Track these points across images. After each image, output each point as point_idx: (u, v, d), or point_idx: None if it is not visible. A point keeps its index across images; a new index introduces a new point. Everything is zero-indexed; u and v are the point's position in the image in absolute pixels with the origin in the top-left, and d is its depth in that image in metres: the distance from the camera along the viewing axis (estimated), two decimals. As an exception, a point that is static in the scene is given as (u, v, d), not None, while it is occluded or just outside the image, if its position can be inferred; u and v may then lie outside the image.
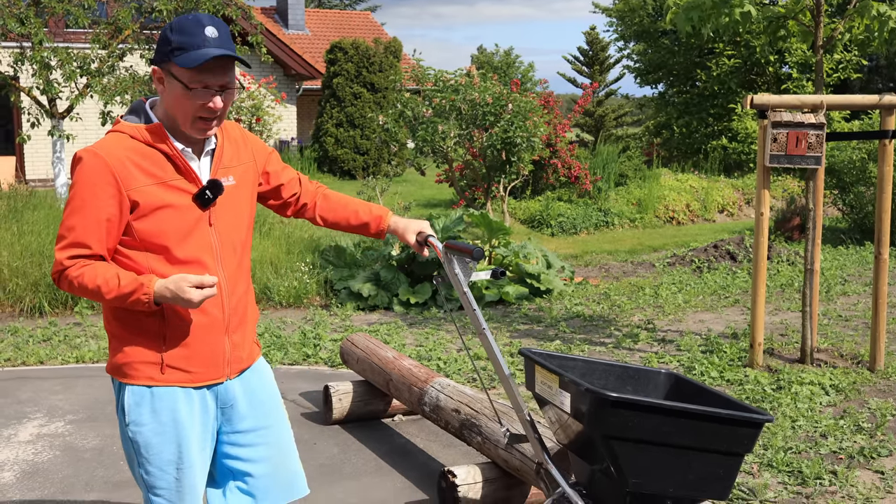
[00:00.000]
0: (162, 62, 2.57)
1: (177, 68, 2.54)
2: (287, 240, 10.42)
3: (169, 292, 2.50)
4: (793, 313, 8.55)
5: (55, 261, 2.57)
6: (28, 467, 4.81)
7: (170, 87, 2.58)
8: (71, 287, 2.56)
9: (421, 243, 3.11)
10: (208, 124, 2.62)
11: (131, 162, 2.56)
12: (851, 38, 7.09)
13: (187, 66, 2.50)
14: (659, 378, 3.23)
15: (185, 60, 2.51)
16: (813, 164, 6.31)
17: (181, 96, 2.56)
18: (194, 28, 2.53)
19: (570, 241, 13.79)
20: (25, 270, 8.71)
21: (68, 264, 2.55)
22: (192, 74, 2.53)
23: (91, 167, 2.54)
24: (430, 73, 15.01)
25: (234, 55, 2.55)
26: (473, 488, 4.06)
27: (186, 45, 2.51)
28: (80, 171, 2.56)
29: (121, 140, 2.59)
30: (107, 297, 2.52)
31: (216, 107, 2.58)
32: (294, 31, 29.68)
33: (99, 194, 2.52)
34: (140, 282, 2.52)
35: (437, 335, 7.74)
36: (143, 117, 2.65)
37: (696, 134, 23.70)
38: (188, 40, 2.52)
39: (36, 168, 20.63)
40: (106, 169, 2.53)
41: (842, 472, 4.62)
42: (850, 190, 13.80)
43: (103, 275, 2.52)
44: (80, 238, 2.54)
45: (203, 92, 2.55)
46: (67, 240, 2.55)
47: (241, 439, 2.82)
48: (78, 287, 2.55)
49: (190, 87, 2.54)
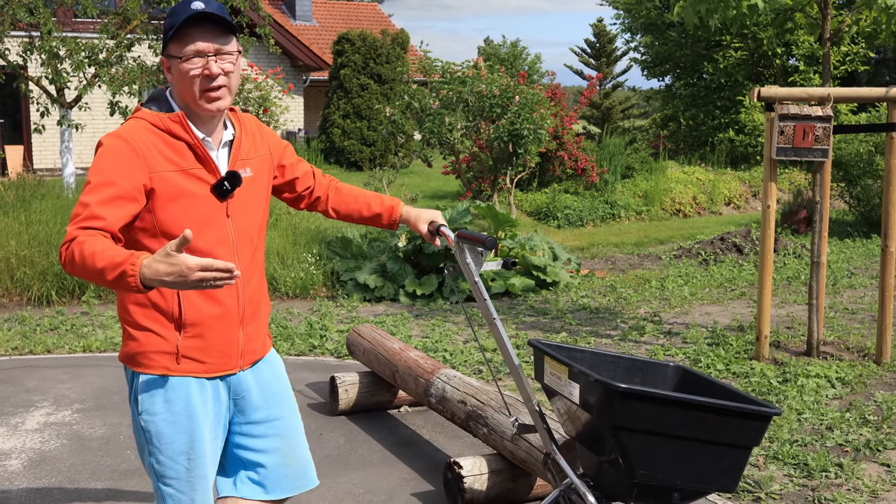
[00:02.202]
0: (164, 50, 2.61)
1: (171, 45, 2.56)
2: (294, 231, 10.43)
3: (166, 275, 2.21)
4: (799, 306, 8.54)
5: (66, 236, 2.41)
6: (35, 456, 4.83)
7: (174, 70, 2.59)
8: (73, 263, 2.36)
9: (433, 233, 3.11)
10: (216, 93, 2.59)
11: (153, 146, 2.56)
12: (859, 31, 7.07)
13: (173, 36, 2.53)
14: (667, 371, 3.23)
15: (172, 32, 2.54)
16: (820, 157, 6.30)
17: (181, 73, 2.56)
18: (182, 6, 2.55)
19: (576, 234, 13.78)
20: (33, 259, 8.73)
21: (77, 234, 2.39)
22: (180, 44, 2.54)
23: (116, 148, 2.53)
24: (437, 65, 14.99)
25: (216, 13, 2.53)
26: (479, 479, 4.07)
27: (175, 23, 2.53)
28: (103, 152, 2.53)
29: (143, 126, 2.60)
30: (98, 266, 2.30)
31: (212, 72, 2.55)
32: (301, 22, 29.64)
33: (122, 172, 2.49)
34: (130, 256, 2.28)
35: (444, 327, 7.75)
36: (164, 106, 2.65)
37: (703, 126, 23.64)
38: (176, 18, 2.54)
39: (44, 157, 20.66)
40: (131, 150, 2.52)
41: (848, 465, 4.62)
42: (857, 183, 13.76)
43: (102, 243, 2.35)
44: (96, 211, 2.43)
45: (198, 60, 2.55)
46: (82, 215, 2.43)
47: (253, 430, 2.83)
48: (78, 257, 2.33)
49: (182, 58, 2.54)
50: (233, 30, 2.61)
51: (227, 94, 2.62)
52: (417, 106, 14.32)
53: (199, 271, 2.20)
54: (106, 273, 2.29)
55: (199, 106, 2.60)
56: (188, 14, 2.51)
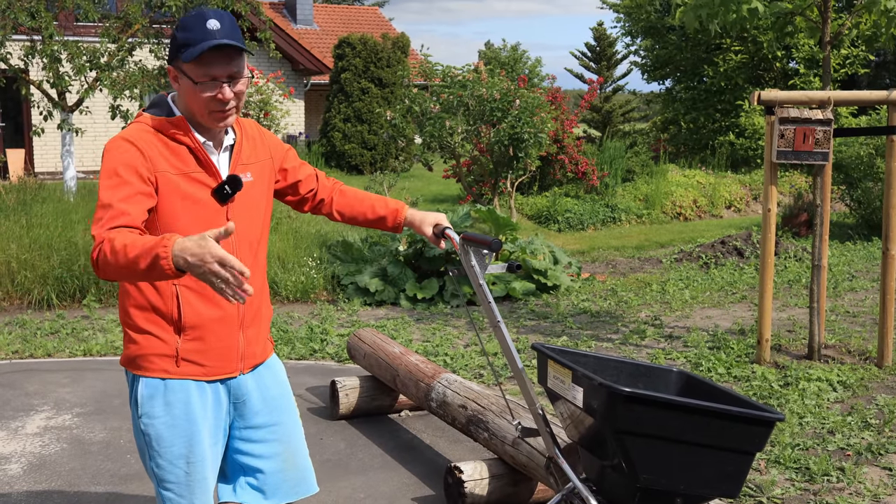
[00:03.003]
0: (173, 61, 2.61)
1: (184, 65, 2.56)
2: (294, 235, 10.43)
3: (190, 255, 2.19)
4: (800, 309, 8.54)
5: (95, 240, 2.38)
6: (35, 460, 4.83)
7: (182, 83, 2.60)
8: (106, 263, 2.33)
9: (438, 235, 3.11)
10: (224, 114, 2.63)
11: (156, 149, 2.59)
12: (859, 34, 7.08)
13: (190, 60, 2.53)
14: (670, 376, 3.23)
15: (189, 55, 2.53)
16: (820, 160, 6.30)
17: (192, 91, 2.58)
18: (197, 23, 2.55)
19: (576, 237, 13.78)
20: (34, 263, 8.73)
21: (105, 235, 2.36)
22: (197, 68, 2.55)
23: (123, 149, 2.55)
24: (437, 69, 15.01)
25: (235, 44, 2.55)
26: (480, 484, 4.06)
27: (190, 41, 2.53)
28: (111, 155, 2.55)
29: (145, 129, 2.62)
30: (130, 255, 2.27)
31: (225, 97, 2.59)
32: (302, 26, 29.67)
33: (134, 171, 2.52)
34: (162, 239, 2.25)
35: (444, 331, 7.74)
36: (165, 110, 2.67)
37: (704, 130, 23.65)
38: (191, 36, 2.54)
39: (45, 161, 20.67)
40: (137, 151, 2.55)
41: (849, 469, 4.61)
42: (857, 186, 13.76)
43: (130, 236, 2.33)
44: (120, 208, 2.43)
45: (211, 84, 2.56)
46: (106, 216, 2.42)
47: (253, 435, 2.83)
48: (111, 254, 2.31)
49: (197, 81, 2.55)
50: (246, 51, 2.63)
51: (235, 112, 2.66)
52: (418, 110, 14.33)
53: (217, 263, 2.15)
54: (140, 261, 2.25)
55: (205, 120, 2.63)
56: (207, 44, 2.51)
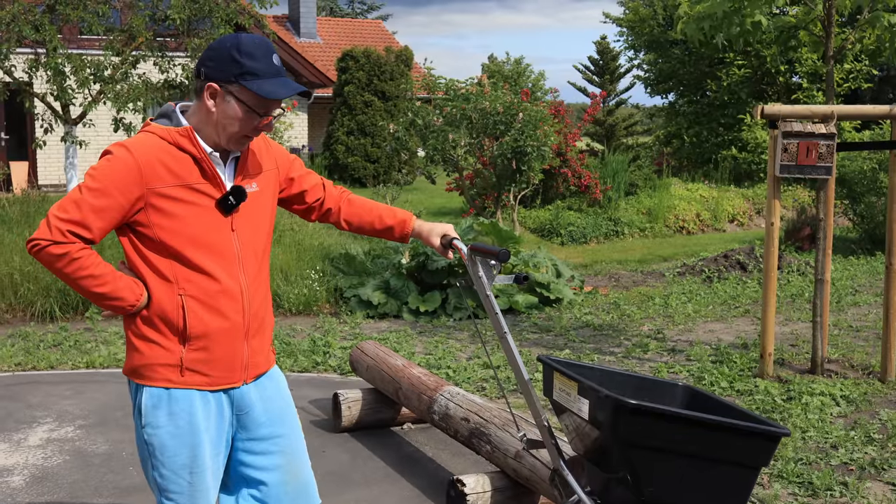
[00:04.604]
0: (226, 81, 2.60)
1: (245, 92, 2.59)
2: (297, 247, 10.44)
3: None
4: (803, 323, 8.53)
5: (48, 226, 2.53)
6: (37, 472, 4.82)
7: (225, 104, 2.61)
8: (57, 267, 2.55)
9: (446, 246, 3.10)
10: (249, 140, 2.71)
11: (160, 161, 2.59)
12: (862, 49, 7.09)
13: (262, 94, 2.58)
14: (675, 390, 3.22)
15: (260, 88, 2.58)
16: (823, 175, 6.30)
17: (237, 116, 2.61)
18: (264, 54, 2.61)
19: (579, 251, 13.78)
20: (37, 275, 8.74)
21: (63, 239, 2.52)
22: (256, 99, 2.60)
23: (120, 159, 2.57)
24: (441, 82, 15.04)
25: (305, 90, 2.69)
26: (482, 497, 4.06)
27: (259, 72, 2.58)
28: (107, 161, 2.59)
29: (151, 140, 2.63)
30: (92, 289, 2.56)
31: (269, 128, 2.70)
32: (306, 40, 29.76)
33: (119, 186, 2.55)
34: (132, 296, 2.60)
35: (447, 344, 7.74)
36: (173, 121, 2.68)
37: (707, 143, 23.64)
38: (261, 67, 2.59)
39: (48, 173, 20.72)
40: (134, 164, 2.56)
41: (853, 484, 4.60)
42: (860, 200, 13.75)
43: (102, 267, 2.57)
44: (87, 219, 2.54)
45: (258, 115, 2.63)
46: (71, 214, 2.53)
47: (256, 447, 2.83)
48: (70, 269, 2.54)
49: (255, 110, 2.61)
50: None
51: None
52: (421, 123, 14.35)
53: None
54: (102, 298, 2.59)
55: (229, 142, 2.67)
56: (281, 83, 2.61)
